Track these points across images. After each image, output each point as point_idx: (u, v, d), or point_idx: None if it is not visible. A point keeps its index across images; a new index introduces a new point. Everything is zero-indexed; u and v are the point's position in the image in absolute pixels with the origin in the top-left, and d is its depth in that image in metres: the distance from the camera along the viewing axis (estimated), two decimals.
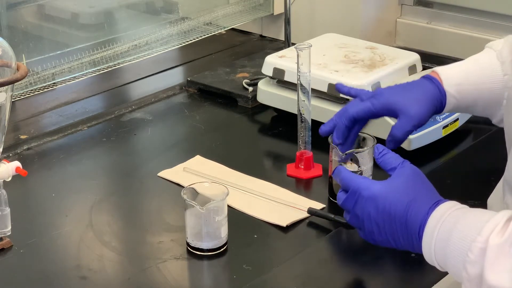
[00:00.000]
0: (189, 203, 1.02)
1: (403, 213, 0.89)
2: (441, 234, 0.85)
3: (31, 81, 1.44)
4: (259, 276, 1.00)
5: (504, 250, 0.79)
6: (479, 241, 0.80)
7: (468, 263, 0.81)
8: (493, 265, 0.79)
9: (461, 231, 0.83)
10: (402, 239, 0.90)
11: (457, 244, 0.83)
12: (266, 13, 1.85)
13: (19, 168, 1.03)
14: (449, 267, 0.85)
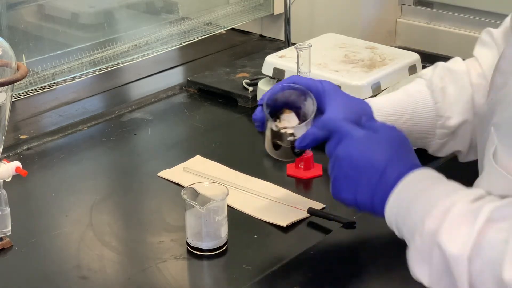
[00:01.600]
0: (189, 203, 1.02)
1: (384, 161, 0.89)
2: (415, 191, 0.85)
3: (31, 81, 1.45)
4: (259, 276, 1.00)
5: (467, 218, 0.79)
6: (447, 202, 0.81)
7: (428, 218, 0.81)
8: (451, 227, 0.79)
9: (434, 191, 0.84)
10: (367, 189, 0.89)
11: (424, 201, 0.83)
12: (266, 13, 1.85)
13: (19, 168, 1.03)
14: (407, 221, 0.84)
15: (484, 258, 0.76)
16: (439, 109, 1.06)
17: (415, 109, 1.07)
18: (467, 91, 1.06)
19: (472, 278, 0.77)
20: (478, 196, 0.82)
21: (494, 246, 0.76)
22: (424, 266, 0.81)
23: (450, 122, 1.06)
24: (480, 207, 0.79)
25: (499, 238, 0.76)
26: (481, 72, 1.07)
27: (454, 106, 1.06)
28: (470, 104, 1.06)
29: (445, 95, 1.07)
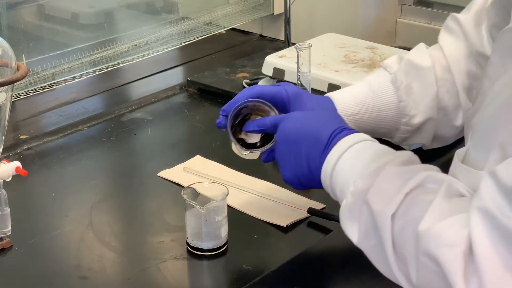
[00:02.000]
0: (189, 203, 1.02)
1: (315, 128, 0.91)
2: (349, 153, 0.87)
3: (31, 81, 1.45)
4: (259, 276, 1.00)
5: (396, 179, 0.80)
6: (379, 162, 0.83)
7: (360, 178, 0.83)
8: (380, 187, 0.81)
9: (366, 153, 0.86)
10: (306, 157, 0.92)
11: (357, 161, 0.85)
12: (266, 13, 1.85)
13: (19, 168, 1.03)
14: (340, 181, 0.87)
15: (407, 216, 0.77)
16: (404, 108, 1.06)
17: (380, 108, 1.06)
18: (432, 89, 1.06)
19: (395, 236, 0.78)
20: (408, 159, 0.85)
21: (419, 206, 0.77)
22: (354, 223, 0.83)
23: (414, 120, 1.06)
24: (413, 171, 0.81)
25: (426, 199, 0.77)
26: (445, 65, 1.06)
27: (419, 104, 1.06)
28: (435, 102, 1.06)
29: (410, 93, 1.06)
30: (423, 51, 1.09)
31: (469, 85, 1.06)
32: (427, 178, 0.80)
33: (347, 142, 0.89)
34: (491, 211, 0.68)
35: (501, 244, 0.68)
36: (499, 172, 0.69)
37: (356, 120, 1.05)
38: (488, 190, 0.70)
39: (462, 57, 1.06)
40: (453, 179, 0.80)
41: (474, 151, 0.78)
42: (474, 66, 1.05)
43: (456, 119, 1.07)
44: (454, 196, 0.78)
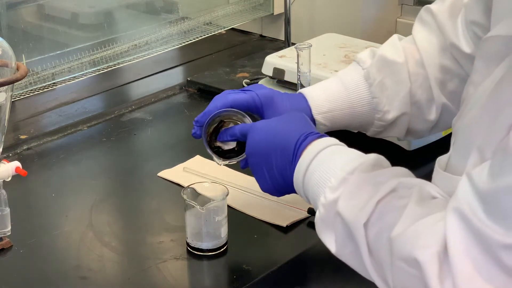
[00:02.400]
0: (189, 203, 1.02)
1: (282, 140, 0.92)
2: (315, 162, 0.88)
3: (31, 81, 1.44)
4: (259, 276, 1.00)
5: (365, 186, 0.81)
6: (345, 171, 0.84)
7: (329, 188, 0.84)
8: (348, 195, 0.82)
9: (333, 161, 0.87)
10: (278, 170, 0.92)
11: (325, 171, 0.86)
12: (266, 13, 1.85)
13: (19, 168, 1.03)
14: (311, 193, 0.88)
15: (381, 223, 0.78)
16: (377, 104, 1.06)
17: (353, 104, 1.06)
18: (405, 85, 1.06)
19: (370, 243, 0.79)
20: (376, 163, 0.85)
21: (392, 212, 0.78)
22: (330, 234, 0.84)
23: (388, 116, 1.07)
24: (382, 176, 0.82)
25: (398, 204, 0.78)
26: (418, 60, 1.06)
27: (392, 100, 1.06)
28: (408, 98, 1.06)
29: (383, 89, 1.06)
30: (396, 45, 1.08)
31: (442, 79, 1.05)
32: (398, 184, 0.80)
33: (312, 151, 0.89)
34: (466, 214, 0.69)
35: (474, 246, 0.68)
36: (474, 176, 0.70)
37: (330, 117, 1.06)
38: (464, 192, 0.71)
39: (435, 51, 1.06)
40: (424, 182, 0.81)
41: (456, 157, 0.79)
42: (447, 60, 1.05)
43: (430, 113, 1.07)
44: (426, 199, 0.78)
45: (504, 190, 0.66)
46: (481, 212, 0.68)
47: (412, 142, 1.27)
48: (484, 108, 0.73)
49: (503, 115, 0.69)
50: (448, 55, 1.05)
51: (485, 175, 0.69)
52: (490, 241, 0.67)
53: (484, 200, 0.68)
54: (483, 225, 0.68)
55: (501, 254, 0.67)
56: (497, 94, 0.71)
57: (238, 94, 1.03)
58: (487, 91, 0.74)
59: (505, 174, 0.66)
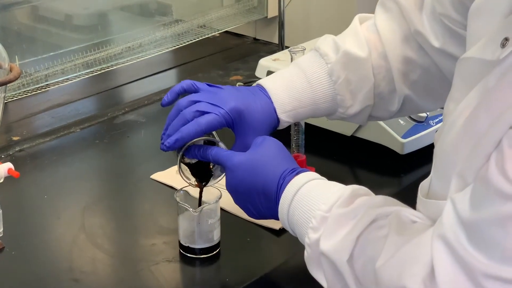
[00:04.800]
0: (182, 205, 1.02)
1: (261, 181, 0.92)
2: (295, 202, 0.89)
3: (24, 83, 1.44)
4: (252, 279, 1.00)
5: (344, 221, 0.83)
6: (322, 210, 0.85)
7: (310, 229, 0.85)
8: (328, 233, 0.83)
9: (311, 200, 0.87)
10: (265, 209, 0.94)
11: (305, 211, 0.87)
12: (260, 16, 1.85)
13: (11, 169, 1.02)
14: (297, 233, 0.89)
15: (365, 256, 0.79)
16: (342, 101, 1.06)
17: (317, 101, 1.05)
18: (369, 80, 1.05)
19: (358, 276, 0.80)
20: (351, 192, 0.86)
21: (374, 243, 0.79)
22: (319, 271, 0.85)
23: (351, 110, 1.06)
24: (359, 208, 0.83)
25: (379, 235, 0.79)
26: (381, 52, 1.05)
27: (356, 96, 1.05)
28: (372, 92, 1.06)
29: (347, 86, 1.05)
30: (359, 37, 1.06)
31: (405, 70, 1.05)
32: (376, 216, 0.81)
33: (290, 191, 0.90)
34: (451, 241, 0.70)
35: (459, 274, 0.69)
36: (457, 203, 0.71)
37: (293, 115, 1.05)
38: (449, 219, 0.71)
39: (398, 42, 1.05)
40: (399, 208, 0.82)
41: (436, 182, 0.79)
42: (410, 50, 1.04)
43: (392, 104, 1.07)
44: (406, 225, 0.79)
45: (487, 222, 0.67)
46: (465, 241, 0.69)
47: (405, 146, 1.27)
48: (461, 135, 0.73)
49: (481, 144, 0.69)
50: (412, 45, 1.04)
51: (467, 203, 0.69)
52: (474, 270, 0.68)
53: (468, 229, 0.69)
54: (467, 253, 0.69)
55: (485, 283, 0.68)
56: (474, 121, 0.71)
57: (210, 116, 0.99)
58: (463, 115, 0.74)
59: (486, 205, 0.67)
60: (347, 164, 1.31)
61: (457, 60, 0.81)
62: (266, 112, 1.03)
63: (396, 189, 1.24)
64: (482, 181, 0.68)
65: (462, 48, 0.95)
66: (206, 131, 1.00)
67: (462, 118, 0.74)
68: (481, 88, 0.73)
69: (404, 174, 1.26)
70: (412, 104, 1.07)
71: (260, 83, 1.06)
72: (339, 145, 1.33)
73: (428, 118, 1.30)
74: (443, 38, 1.00)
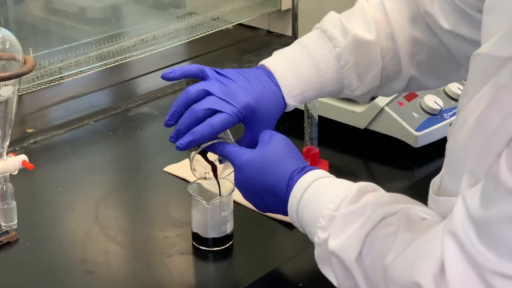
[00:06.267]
0: (195, 198, 1.02)
1: (270, 180, 0.92)
2: (303, 202, 0.88)
3: (38, 75, 1.45)
4: (264, 272, 1.00)
5: (352, 219, 0.82)
6: (330, 209, 0.85)
7: (319, 228, 0.85)
8: (337, 232, 0.83)
9: (318, 199, 0.87)
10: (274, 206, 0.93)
11: (313, 211, 0.87)
12: (274, 9, 1.84)
13: (26, 161, 1.03)
14: (307, 232, 0.89)
15: (374, 253, 0.79)
16: (349, 84, 1.05)
17: (324, 85, 1.04)
18: (377, 63, 1.04)
19: (367, 273, 0.79)
20: (360, 191, 0.85)
21: (382, 240, 0.78)
22: (329, 270, 0.85)
23: (357, 91, 1.06)
24: (366, 206, 0.82)
25: (387, 232, 0.79)
26: (389, 33, 1.04)
27: (363, 79, 1.04)
28: (379, 74, 1.05)
29: (356, 70, 1.04)
30: (367, 18, 1.05)
31: (412, 51, 1.04)
32: (384, 215, 0.81)
33: (298, 191, 0.90)
34: (461, 238, 0.70)
35: (469, 271, 0.69)
36: (468, 199, 0.70)
37: (300, 99, 1.04)
38: (459, 215, 0.71)
39: (406, 22, 1.04)
40: (408, 206, 0.81)
41: (447, 179, 0.79)
42: (418, 31, 1.03)
43: (397, 84, 1.06)
44: (415, 222, 0.78)
45: (496, 219, 0.67)
46: (474, 238, 0.68)
47: (418, 139, 1.26)
48: (473, 132, 0.73)
49: (492, 141, 0.69)
50: (420, 26, 1.03)
51: (477, 200, 0.69)
52: (483, 267, 0.68)
53: (477, 227, 0.68)
54: (476, 250, 0.68)
55: (493, 281, 0.67)
56: (485, 118, 0.71)
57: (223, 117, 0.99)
58: (475, 111, 0.73)
59: (496, 203, 0.66)
60: (360, 157, 1.31)
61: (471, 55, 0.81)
62: (276, 102, 1.03)
63: (409, 183, 1.23)
64: (492, 179, 0.68)
65: (474, 29, 0.95)
66: (220, 132, 1.00)
67: (474, 114, 0.73)
68: (493, 84, 0.72)
69: (418, 167, 1.26)
70: (416, 83, 1.07)
71: (266, 65, 1.04)
72: (352, 138, 1.33)
73: (442, 111, 1.29)
74: (454, 20, 0.99)
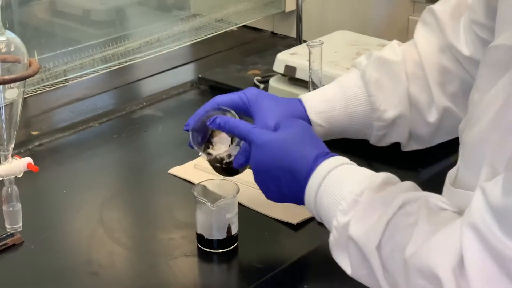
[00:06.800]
0: (200, 200, 1.02)
1: (292, 161, 0.90)
2: (325, 184, 0.87)
3: (43, 78, 1.45)
4: (269, 274, 1.00)
5: (375, 207, 0.81)
6: (354, 193, 0.83)
7: (340, 211, 0.84)
8: (359, 217, 0.82)
9: (342, 183, 0.86)
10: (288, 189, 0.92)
11: (335, 194, 0.85)
12: (278, 10, 1.84)
13: (31, 164, 1.03)
14: (323, 215, 0.87)
15: (394, 242, 0.78)
16: (374, 103, 1.05)
17: (349, 103, 1.05)
18: (402, 83, 1.04)
19: (384, 263, 0.78)
20: (384, 179, 0.84)
21: (402, 231, 0.78)
22: (344, 256, 0.84)
23: (386, 115, 1.05)
24: (391, 194, 0.81)
25: (408, 222, 0.78)
26: (417, 60, 1.05)
27: (390, 99, 1.04)
28: (406, 97, 1.05)
29: (380, 87, 1.04)
30: (394, 48, 1.07)
31: (442, 81, 1.04)
32: (405, 200, 0.80)
33: (321, 173, 0.88)
34: (481, 229, 0.69)
35: (490, 262, 0.68)
36: (488, 191, 0.70)
37: (325, 117, 1.04)
38: (479, 207, 0.70)
39: (435, 51, 1.04)
40: (428, 195, 0.80)
41: (464, 170, 0.78)
42: (447, 60, 1.03)
43: (430, 116, 1.05)
44: (435, 212, 0.78)
45: None
46: (496, 229, 0.68)
47: None
48: (493, 124, 0.72)
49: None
50: (448, 56, 1.04)
51: (498, 191, 0.68)
52: (505, 256, 0.67)
53: (499, 217, 0.68)
54: (497, 240, 0.68)
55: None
56: (505, 111, 0.71)
57: (225, 95, 1.03)
58: (494, 104, 0.73)
59: None
60: (364, 157, 1.30)
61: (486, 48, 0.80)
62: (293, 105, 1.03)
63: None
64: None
65: None
66: (220, 105, 1.00)
67: (492, 107, 0.73)
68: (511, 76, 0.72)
69: (422, 168, 1.26)
70: (454, 118, 1.04)
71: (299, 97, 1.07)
72: (355, 146, 1.33)
73: None
74: (474, 47, 0.99)
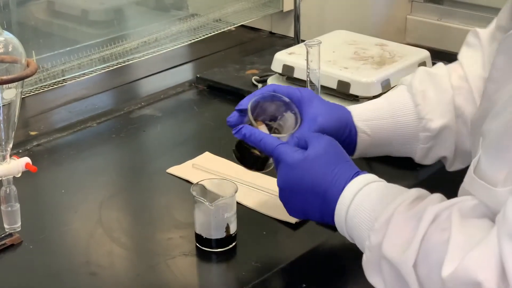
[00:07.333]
0: (198, 199, 1.02)
1: (322, 184, 0.90)
2: (355, 204, 0.87)
3: (41, 78, 1.45)
4: (267, 273, 1.00)
5: (408, 224, 0.80)
6: (386, 212, 0.82)
7: (372, 231, 0.83)
8: (391, 236, 0.81)
9: (372, 203, 0.85)
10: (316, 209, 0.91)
11: (366, 214, 0.85)
12: (276, 10, 1.85)
13: (29, 164, 1.03)
14: (355, 235, 0.87)
15: (429, 261, 0.77)
16: (420, 112, 1.05)
17: (396, 112, 1.06)
18: (448, 93, 1.06)
19: (422, 282, 0.77)
20: (416, 196, 0.84)
21: (437, 248, 0.77)
22: (378, 276, 0.83)
23: (432, 125, 1.05)
24: (422, 209, 0.80)
25: (441, 239, 0.77)
26: (462, 75, 1.06)
27: (435, 108, 1.05)
28: (451, 107, 1.05)
29: (426, 97, 1.06)
30: (440, 64, 1.11)
31: None
32: (436, 214, 0.79)
33: (351, 192, 0.88)
34: None
35: None
36: None
37: (371, 125, 1.05)
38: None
39: (479, 66, 1.06)
40: (459, 201, 0.79)
41: (486, 163, 0.77)
42: None
43: None
44: (466, 220, 0.77)
45: None
46: None
47: None
48: None
49: None
50: None
51: None
52: None
53: None
54: None
55: None
56: None
57: (283, 85, 1.03)
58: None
59: None
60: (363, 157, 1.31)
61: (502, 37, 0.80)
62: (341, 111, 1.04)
63: (413, 182, 1.23)
64: None
65: None
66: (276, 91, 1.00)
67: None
68: None
69: (421, 167, 1.26)
70: None
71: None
72: None
73: None
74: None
